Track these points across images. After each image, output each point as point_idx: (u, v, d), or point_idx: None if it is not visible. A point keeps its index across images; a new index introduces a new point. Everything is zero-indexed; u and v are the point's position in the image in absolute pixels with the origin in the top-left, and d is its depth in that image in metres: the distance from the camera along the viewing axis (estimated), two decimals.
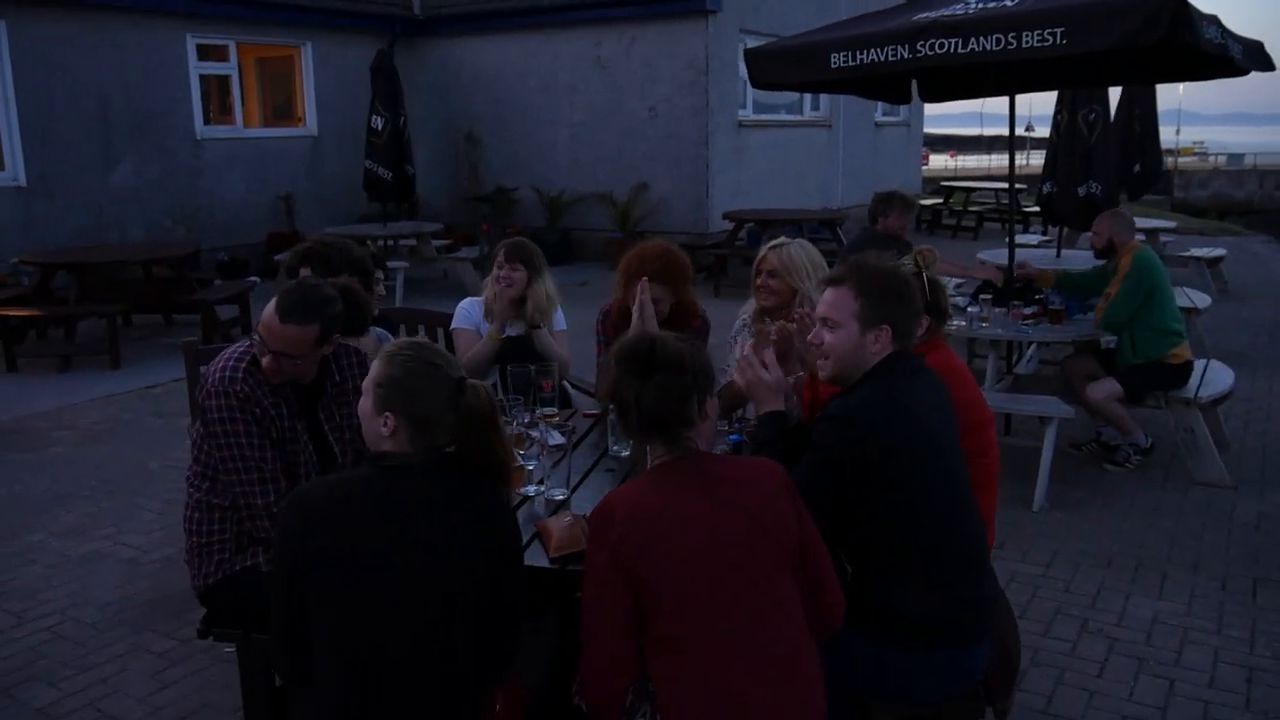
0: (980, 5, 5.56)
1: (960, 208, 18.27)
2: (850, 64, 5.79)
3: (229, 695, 3.50)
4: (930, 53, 5.48)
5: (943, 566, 2.49)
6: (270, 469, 2.93)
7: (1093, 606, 4.17)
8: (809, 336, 2.69)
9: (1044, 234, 13.04)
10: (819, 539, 2.28)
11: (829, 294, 2.63)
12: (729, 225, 12.77)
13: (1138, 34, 4.84)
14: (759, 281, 3.92)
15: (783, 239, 3.98)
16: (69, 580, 4.53)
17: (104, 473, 5.94)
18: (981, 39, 5.29)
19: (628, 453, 3.34)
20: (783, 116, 15.78)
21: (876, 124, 18.43)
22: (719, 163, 13.81)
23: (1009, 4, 5.41)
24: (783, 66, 6.32)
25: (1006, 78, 6.46)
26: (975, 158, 51.93)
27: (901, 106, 19.01)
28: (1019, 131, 6.88)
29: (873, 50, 5.70)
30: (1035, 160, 32.81)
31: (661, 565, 2.09)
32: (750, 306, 4.09)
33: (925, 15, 5.65)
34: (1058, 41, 5.08)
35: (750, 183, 14.49)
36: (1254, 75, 5.97)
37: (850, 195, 16.71)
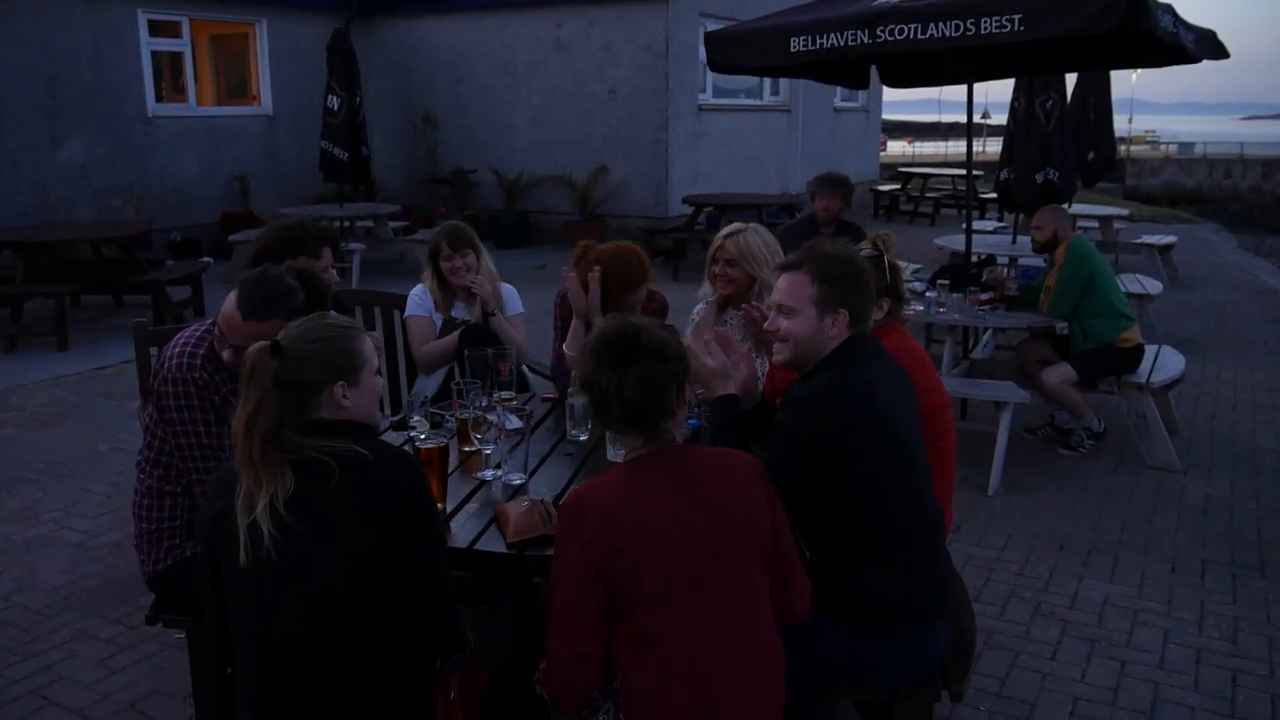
0: None
1: (917, 193, 18.39)
2: (810, 49, 5.79)
3: (179, 681, 3.44)
4: (890, 38, 5.49)
5: (903, 549, 2.49)
6: (227, 456, 2.88)
7: (1046, 589, 4.22)
8: (765, 324, 2.67)
9: (999, 220, 13.17)
10: (789, 531, 2.27)
11: (785, 280, 2.62)
12: (688, 209, 12.75)
13: (1094, 21, 4.89)
14: (716, 270, 3.89)
15: (737, 225, 3.95)
16: (14, 565, 4.43)
17: (52, 455, 5.82)
18: (940, 25, 5.31)
19: (585, 437, 3.32)
20: (742, 101, 15.78)
21: (835, 109, 18.50)
22: (678, 146, 13.78)
23: None
24: (742, 50, 6.31)
25: (965, 65, 6.49)
26: (933, 144, 52.28)
27: (860, 92, 19.09)
28: (975, 118, 6.92)
29: (832, 35, 5.71)
30: (992, 147, 33.02)
31: (636, 563, 2.06)
32: (706, 290, 4.07)
33: (885, 1, 5.66)
34: (1015, 28, 5.11)
35: (709, 167, 14.49)
36: (1204, 64, 6.04)
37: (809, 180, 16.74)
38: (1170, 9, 5.27)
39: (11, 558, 4.51)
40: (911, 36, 5.42)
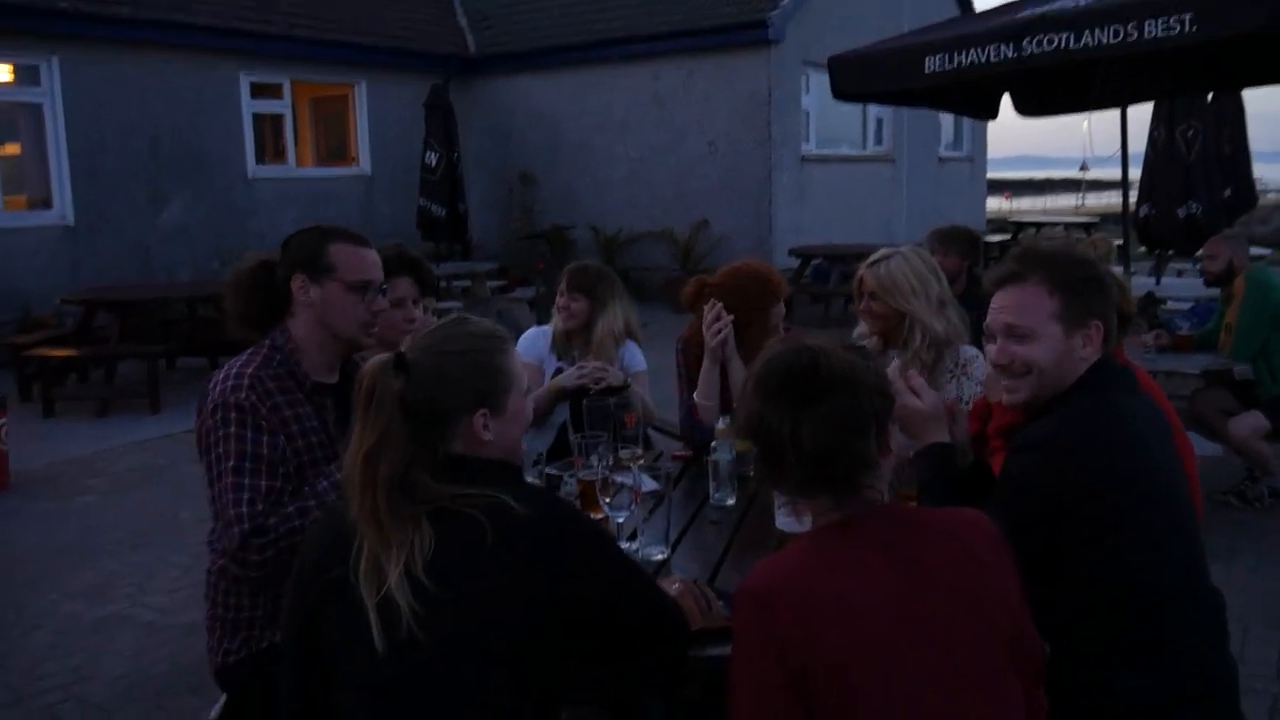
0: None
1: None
2: (948, 68, 5.23)
3: None
4: (1038, 50, 4.90)
5: (1179, 639, 1.86)
6: (264, 470, 2.30)
7: None
8: (994, 356, 2.06)
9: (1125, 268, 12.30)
10: (1031, 622, 1.67)
11: (1009, 296, 2.02)
12: (794, 262, 12.19)
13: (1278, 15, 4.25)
14: (861, 305, 3.33)
15: (884, 252, 3.37)
16: (78, 649, 3.98)
17: (133, 523, 5.45)
18: (1096, 31, 4.70)
19: (732, 501, 2.75)
20: (844, 151, 15.25)
21: (940, 159, 17.84)
22: (782, 198, 13.27)
23: None
24: (870, 74, 5.77)
25: (1118, 83, 5.83)
26: (1030, 199, 51.17)
27: (965, 141, 18.49)
28: (1073, 174, 6.26)
29: (972, 51, 5.14)
30: (1092, 201, 32.37)
31: (847, 667, 1.47)
32: (862, 330, 3.50)
33: (1030, 11, 5.09)
34: (1187, 29, 4.47)
35: (813, 219, 13.91)
36: None
37: (915, 231, 16.00)
38: None
39: (77, 639, 4.07)
40: (1063, 47, 4.82)
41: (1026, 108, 6.84)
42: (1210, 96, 8.54)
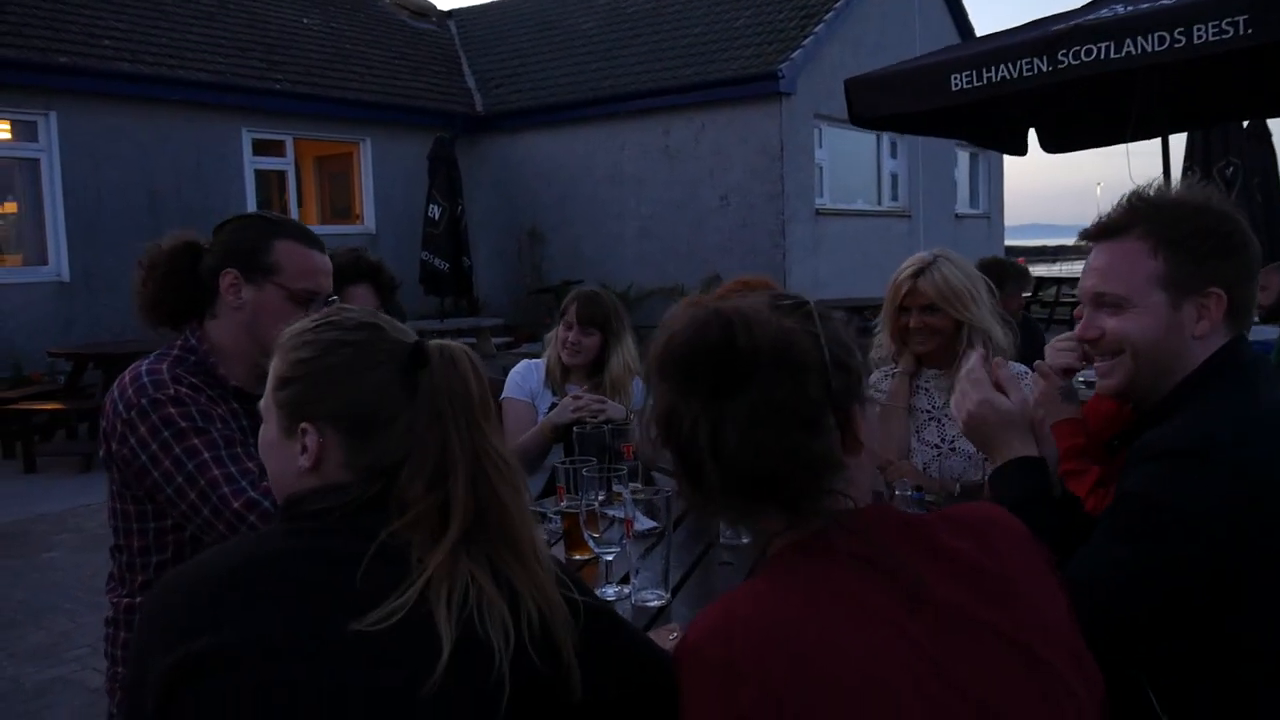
0: (1130, 8, 4.66)
1: (1051, 300, 17.22)
2: (976, 84, 4.86)
3: None
4: (1074, 62, 4.51)
5: None
6: (241, 454, 1.91)
7: None
8: (1079, 330, 1.64)
9: None
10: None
11: (1103, 256, 1.59)
12: None
13: None
14: (909, 322, 2.90)
15: (923, 256, 3.00)
16: (12, 716, 3.57)
17: (96, 581, 4.98)
18: (1140, 40, 4.31)
19: (748, 539, 2.32)
20: (860, 206, 14.95)
21: (957, 215, 17.54)
22: (796, 253, 12.94)
23: (1166, 1, 4.50)
24: (890, 95, 5.39)
25: (1157, 112, 5.44)
26: (1043, 266, 51.25)
27: (981, 199, 18.21)
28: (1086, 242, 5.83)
29: (1003, 66, 4.76)
30: None
31: None
32: (883, 352, 3.09)
33: (1064, 24, 4.76)
34: (1240, 32, 4.08)
35: (830, 273, 13.57)
36: None
37: None
38: None
39: (15, 704, 3.64)
40: (1102, 57, 4.44)
41: (1053, 143, 6.47)
42: (1246, 131, 8.17)
